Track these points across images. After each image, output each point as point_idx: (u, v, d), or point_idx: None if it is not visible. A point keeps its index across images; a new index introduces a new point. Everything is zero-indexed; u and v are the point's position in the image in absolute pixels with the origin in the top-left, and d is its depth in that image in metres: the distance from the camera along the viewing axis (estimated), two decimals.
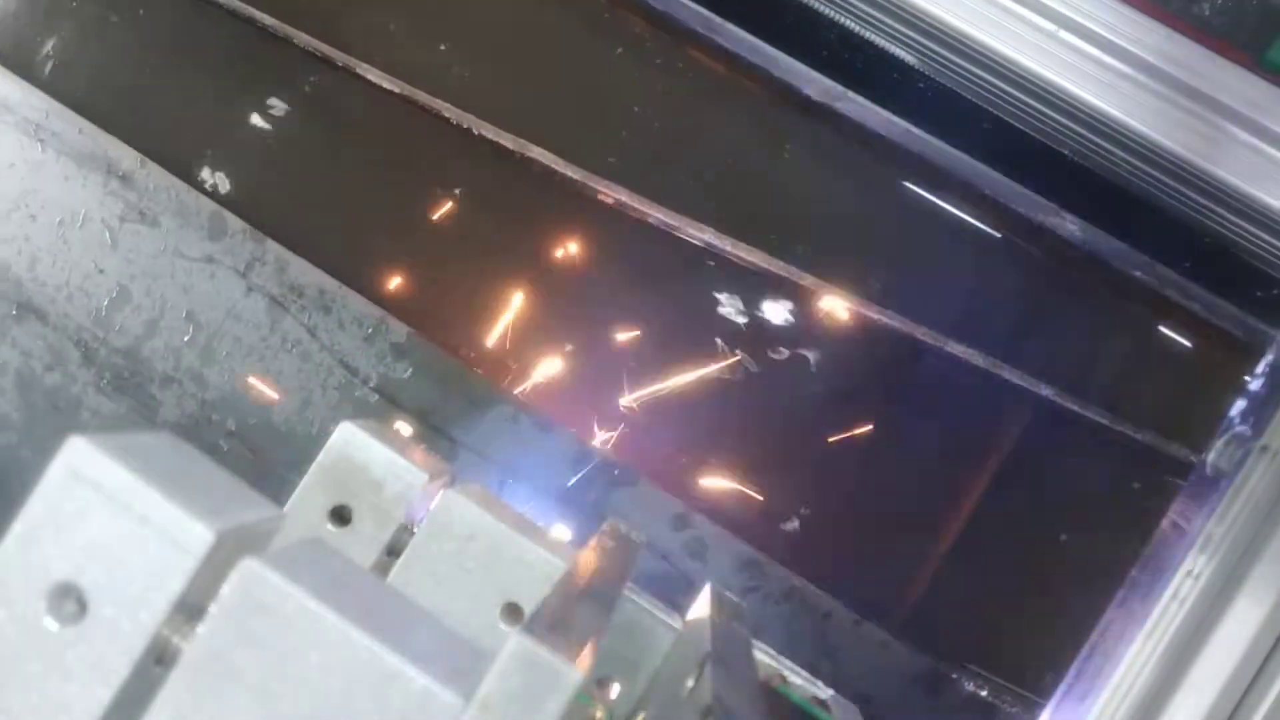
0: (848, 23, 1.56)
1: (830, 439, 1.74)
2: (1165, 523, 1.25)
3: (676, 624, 0.87)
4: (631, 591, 0.86)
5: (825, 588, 1.65)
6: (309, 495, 0.84)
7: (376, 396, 1.69)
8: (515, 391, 1.74)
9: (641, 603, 0.86)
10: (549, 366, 1.77)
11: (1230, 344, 1.71)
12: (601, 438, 1.74)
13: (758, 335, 1.76)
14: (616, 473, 1.66)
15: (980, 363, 1.72)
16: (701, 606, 0.89)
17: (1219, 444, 1.21)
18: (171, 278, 1.73)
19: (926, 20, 1.43)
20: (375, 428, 0.87)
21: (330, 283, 1.70)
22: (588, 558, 0.79)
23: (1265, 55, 1.37)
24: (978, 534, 1.73)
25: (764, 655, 0.94)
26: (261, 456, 0.90)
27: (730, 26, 1.72)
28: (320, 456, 0.84)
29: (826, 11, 1.57)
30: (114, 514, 0.54)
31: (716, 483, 1.74)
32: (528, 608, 0.80)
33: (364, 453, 0.84)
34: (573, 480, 1.62)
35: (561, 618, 0.60)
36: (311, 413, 1.68)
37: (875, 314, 1.73)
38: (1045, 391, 1.72)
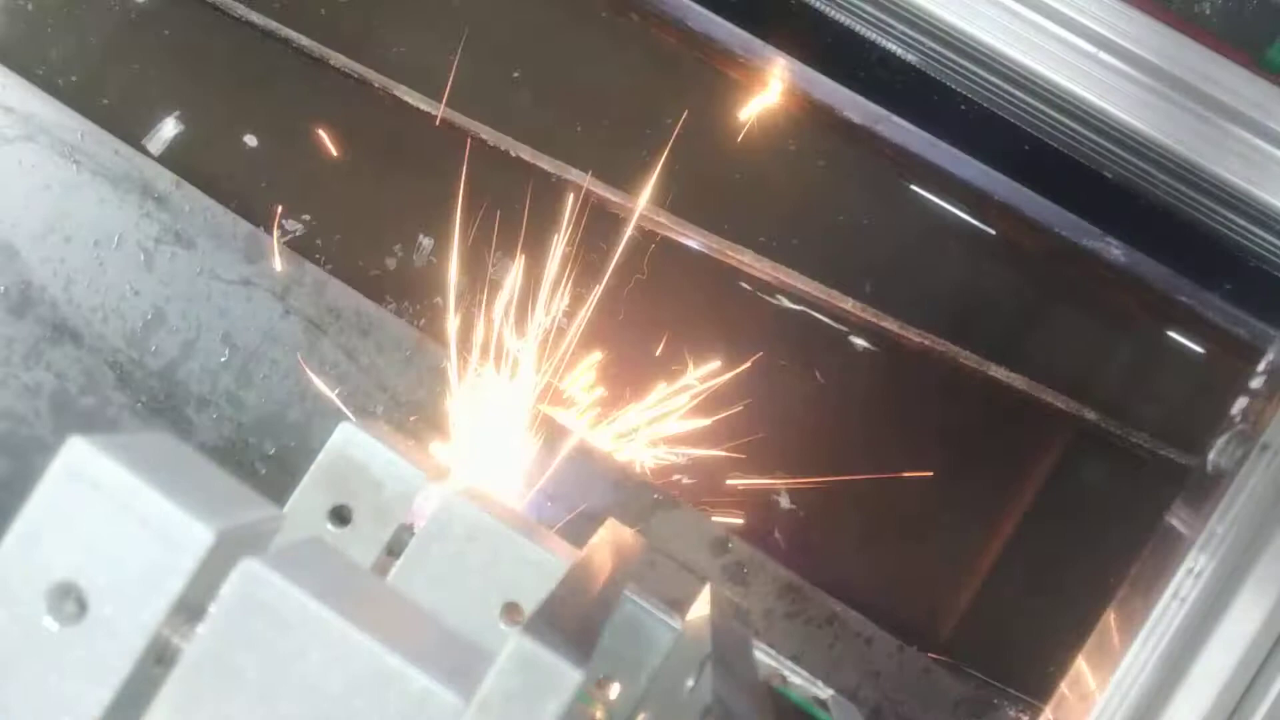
0: (889, 44, 1.55)
1: (868, 462, 1.74)
2: (1166, 522, 1.25)
3: (676, 624, 0.87)
4: (631, 591, 0.86)
5: (866, 613, 1.65)
6: (309, 495, 0.84)
7: (415, 417, 1.68)
8: (551, 413, 1.74)
9: (641, 603, 0.86)
10: (587, 388, 1.77)
11: (1232, 344, 1.71)
12: (640, 461, 1.74)
13: (801, 358, 1.76)
14: (656, 496, 1.66)
15: (1003, 377, 1.72)
16: (701, 606, 0.89)
17: (1220, 442, 1.21)
18: (208, 300, 1.71)
19: (943, 28, 1.43)
20: (375, 428, 0.87)
21: (368, 305, 1.70)
22: (588, 558, 0.79)
23: (1265, 55, 1.37)
24: (1014, 554, 1.73)
25: (764, 655, 0.94)
26: (299, 480, 0.88)
27: (770, 48, 1.72)
28: (320, 456, 0.84)
29: (865, 32, 1.55)
30: (114, 514, 0.54)
31: (755, 506, 1.74)
32: (528, 608, 0.80)
33: (364, 453, 0.84)
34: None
35: (561, 618, 0.60)
36: None
37: (906, 333, 1.73)
38: (1052, 398, 1.72)
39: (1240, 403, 1.25)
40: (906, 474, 1.74)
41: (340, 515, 0.84)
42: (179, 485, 0.56)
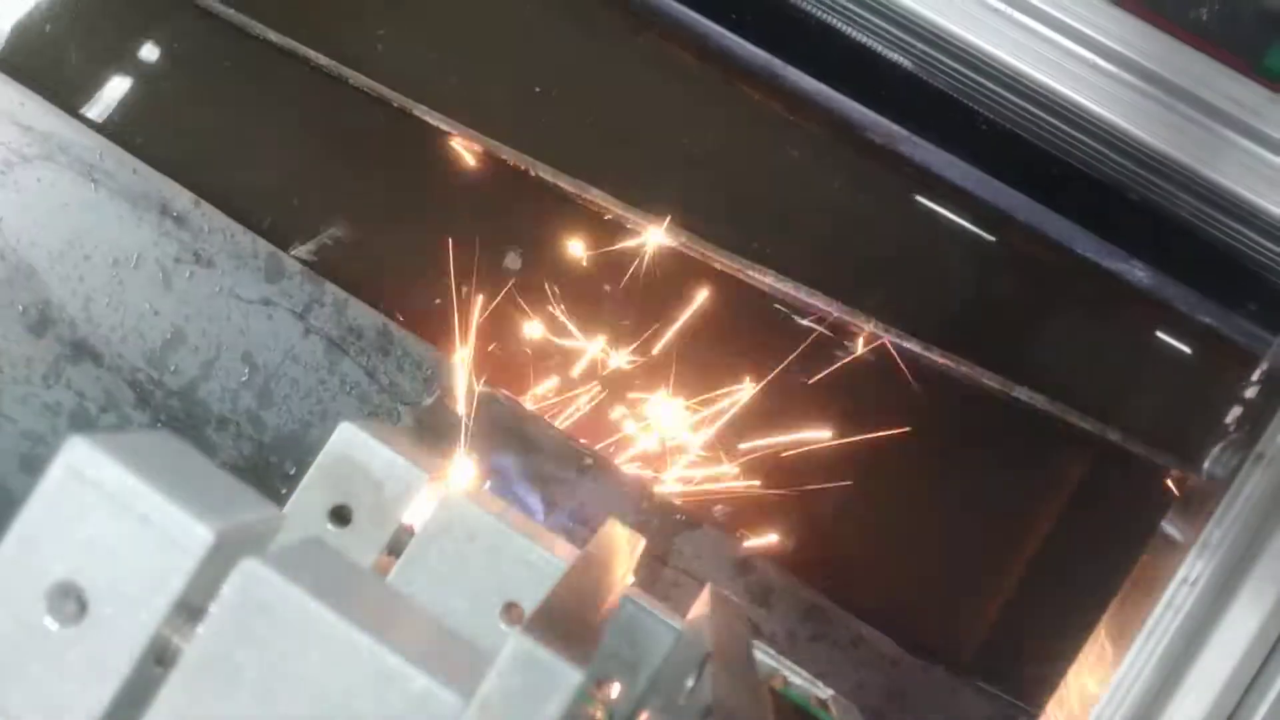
0: (906, 62, 1.55)
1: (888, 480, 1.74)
2: (1161, 530, 1.25)
3: (676, 624, 0.87)
4: (631, 591, 0.86)
5: (891, 634, 1.64)
6: (309, 495, 0.84)
7: (433, 435, 1.68)
8: (573, 432, 1.72)
9: (641, 603, 0.86)
10: (608, 408, 1.76)
11: (1228, 350, 1.71)
12: (665, 482, 1.74)
13: (815, 373, 1.75)
14: (680, 517, 1.66)
15: (1026, 398, 1.71)
16: (701, 606, 0.89)
17: (1215, 451, 1.21)
18: (228, 319, 1.71)
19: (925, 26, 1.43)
20: (375, 427, 0.86)
21: (389, 324, 1.70)
22: (588, 558, 0.79)
23: (1262, 61, 1.38)
24: (1037, 571, 1.72)
25: (764, 655, 0.94)
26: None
27: (792, 69, 1.72)
28: (320, 457, 0.84)
29: (886, 52, 1.55)
30: (114, 514, 0.54)
31: (778, 529, 1.73)
32: (528, 608, 0.80)
33: (364, 453, 0.84)
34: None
35: (561, 618, 0.60)
36: None
37: (930, 354, 1.72)
38: (1077, 418, 1.71)
39: (1235, 411, 1.25)
40: (917, 489, 1.74)
41: (340, 515, 0.84)
42: (179, 485, 0.56)
